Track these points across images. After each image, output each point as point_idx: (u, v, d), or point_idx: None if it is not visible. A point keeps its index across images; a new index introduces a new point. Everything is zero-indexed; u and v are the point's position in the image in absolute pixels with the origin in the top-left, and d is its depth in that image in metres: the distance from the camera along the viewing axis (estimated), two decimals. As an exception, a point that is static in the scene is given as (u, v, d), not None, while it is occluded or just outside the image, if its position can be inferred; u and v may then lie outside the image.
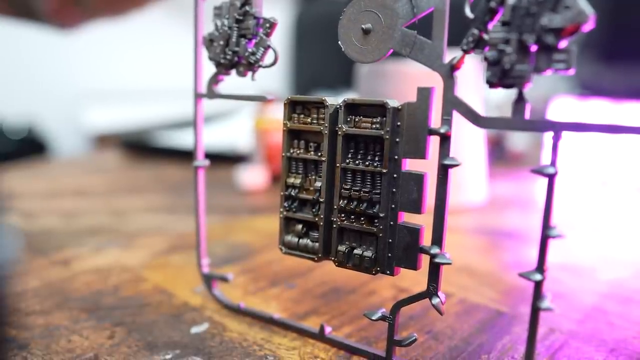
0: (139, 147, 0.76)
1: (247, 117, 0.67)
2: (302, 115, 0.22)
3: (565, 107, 0.60)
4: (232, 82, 0.24)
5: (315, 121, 0.22)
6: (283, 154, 0.23)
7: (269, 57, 0.22)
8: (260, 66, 0.22)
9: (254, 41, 0.22)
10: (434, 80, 0.20)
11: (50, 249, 0.35)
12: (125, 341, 0.23)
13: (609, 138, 0.55)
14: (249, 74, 0.23)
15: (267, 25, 0.22)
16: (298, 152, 0.23)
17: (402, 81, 0.43)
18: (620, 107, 0.56)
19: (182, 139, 0.75)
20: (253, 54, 0.22)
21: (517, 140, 0.71)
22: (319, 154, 0.22)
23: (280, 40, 1.35)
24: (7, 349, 0.11)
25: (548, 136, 0.16)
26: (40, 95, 1.15)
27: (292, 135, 0.23)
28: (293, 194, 0.23)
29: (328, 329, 0.23)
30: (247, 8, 0.22)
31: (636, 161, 0.55)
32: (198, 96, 0.25)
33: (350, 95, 0.23)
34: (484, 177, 0.49)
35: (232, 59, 0.23)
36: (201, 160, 0.26)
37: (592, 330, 0.24)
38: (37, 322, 0.25)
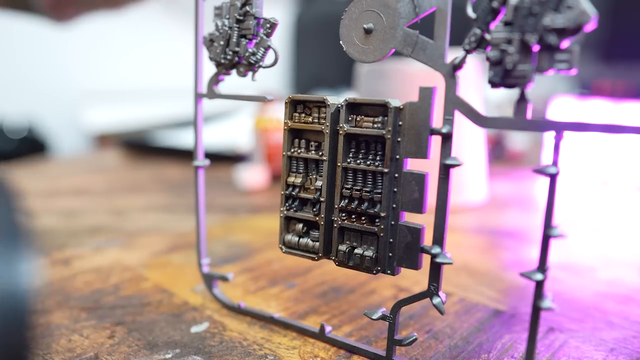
0: (139, 146, 0.76)
1: (247, 117, 0.67)
2: (303, 115, 0.22)
3: (564, 106, 0.60)
4: (232, 82, 0.24)
5: (316, 120, 0.22)
6: (284, 153, 0.23)
7: (269, 57, 0.22)
8: (260, 66, 0.22)
9: (254, 41, 0.22)
10: (435, 80, 0.20)
11: (51, 248, 0.35)
12: (126, 340, 0.23)
13: (609, 138, 0.55)
14: (250, 74, 0.23)
15: (268, 25, 0.22)
16: (299, 151, 0.23)
17: (402, 81, 0.43)
18: (620, 106, 0.56)
19: (182, 139, 0.75)
20: (253, 54, 0.22)
21: (517, 139, 0.71)
22: (320, 153, 0.22)
23: (281, 40, 1.35)
24: None
25: (549, 136, 0.16)
26: (41, 95, 1.15)
27: (293, 134, 0.23)
28: (294, 194, 0.23)
29: (328, 328, 0.23)
30: (247, 8, 0.22)
31: (636, 161, 0.55)
32: (198, 96, 0.25)
33: (351, 95, 0.23)
34: (484, 177, 0.49)
35: (233, 59, 0.23)
36: (201, 160, 0.26)
37: (592, 329, 0.24)
38: (38, 322, 0.25)
